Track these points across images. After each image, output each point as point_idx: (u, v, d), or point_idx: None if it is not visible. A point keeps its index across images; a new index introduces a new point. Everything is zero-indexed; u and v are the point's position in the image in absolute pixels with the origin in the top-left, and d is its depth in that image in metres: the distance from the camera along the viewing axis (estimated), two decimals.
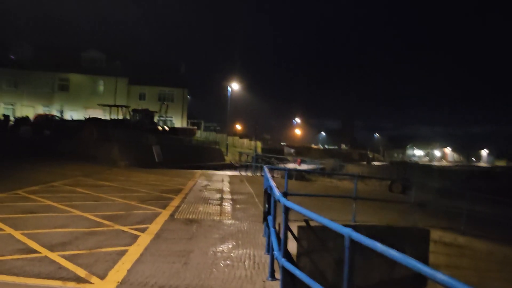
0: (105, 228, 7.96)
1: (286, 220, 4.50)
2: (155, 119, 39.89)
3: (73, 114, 45.83)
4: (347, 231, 3.00)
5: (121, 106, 38.22)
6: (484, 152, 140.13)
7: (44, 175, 16.11)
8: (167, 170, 23.18)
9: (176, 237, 7.48)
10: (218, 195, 13.62)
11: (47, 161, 21.24)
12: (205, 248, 6.87)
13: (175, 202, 11.46)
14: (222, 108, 57.95)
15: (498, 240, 10.50)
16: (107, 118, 38.03)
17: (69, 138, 27.61)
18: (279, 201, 4.68)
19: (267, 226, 6.57)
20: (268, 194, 6.81)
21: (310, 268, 8.74)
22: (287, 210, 4.46)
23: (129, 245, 6.80)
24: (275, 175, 22.97)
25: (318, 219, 3.49)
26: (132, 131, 30.45)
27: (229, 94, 52.96)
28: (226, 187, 16.15)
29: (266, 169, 8.54)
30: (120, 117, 36.85)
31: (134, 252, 6.40)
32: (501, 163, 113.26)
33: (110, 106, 38.52)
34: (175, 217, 9.41)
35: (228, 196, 13.62)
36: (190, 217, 9.50)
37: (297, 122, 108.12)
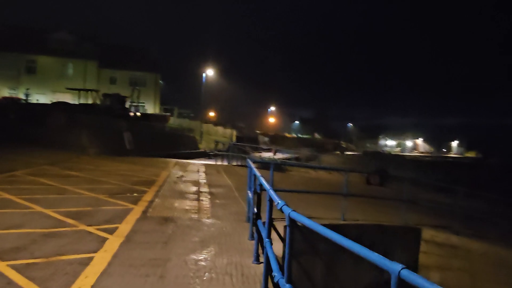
0: (68, 229, 6.97)
1: (291, 236, 3.54)
2: (127, 105, 38.42)
3: (40, 97, 43.70)
4: (396, 268, 2.18)
5: (91, 90, 36.62)
6: (455, 143, 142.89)
7: (5, 163, 14.86)
8: (139, 159, 22.03)
9: (150, 241, 6.56)
10: (195, 188, 12.71)
11: (10, 147, 19.84)
12: (184, 255, 5.98)
13: (148, 196, 10.50)
14: (196, 94, 56.50)
15: (492, 240, 9.99)
16: (76, 102, 36.41)
17: (35, 123, 26.02)
18: (282, 211, 3.67)
19: (257, 231, 5.73)
20: (258, 194, 5.95)
21: (298, 272, 7.97)
22: (293, 223, 3.49)
23: (95, 251, 5.86)
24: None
25: (356, 248, 2.51)
26: (102, 116, 29.05)
27: (203, 80, 51.67)
28: (203, 179, 15.23)
29: (251, 164, 7.65)
30: (90, 101, 35.31)
31: (100, 260, 5.47)
32: (470, 154, 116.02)
33: (79, 90, 36.84)
34: (148, 214, 8.47)
35: (205, 189, 12.72)
36: (165, 214, 8.58)
37: (271, 111, 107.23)
